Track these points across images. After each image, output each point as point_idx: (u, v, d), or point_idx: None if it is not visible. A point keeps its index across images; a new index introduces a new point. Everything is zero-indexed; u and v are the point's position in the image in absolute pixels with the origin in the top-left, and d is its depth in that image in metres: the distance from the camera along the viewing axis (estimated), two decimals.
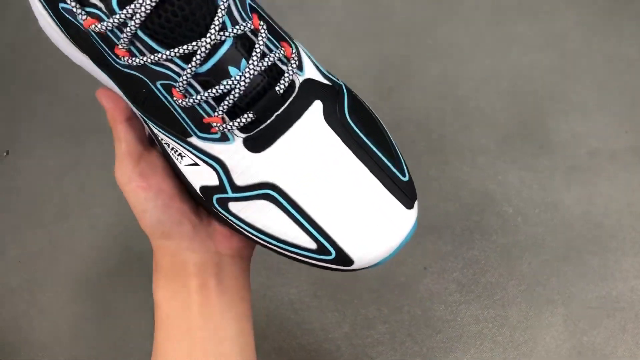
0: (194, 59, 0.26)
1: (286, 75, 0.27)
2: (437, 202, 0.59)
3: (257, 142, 0.28)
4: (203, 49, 0.25)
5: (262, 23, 0.27)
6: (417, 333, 0.53)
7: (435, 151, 0.62)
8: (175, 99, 0.27)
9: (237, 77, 0.26)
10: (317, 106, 0.28)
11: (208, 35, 0.25)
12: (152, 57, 0.26)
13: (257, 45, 0.27)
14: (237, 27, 0.26)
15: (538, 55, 0.67)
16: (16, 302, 0.58)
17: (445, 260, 0.56)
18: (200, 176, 0.30)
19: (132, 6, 0.24)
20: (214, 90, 0.26)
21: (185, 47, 0.25)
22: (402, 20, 0.73)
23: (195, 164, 0.30)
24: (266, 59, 0.27)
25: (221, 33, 0.26)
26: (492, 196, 0.59)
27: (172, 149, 0.31)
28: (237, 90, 0.26)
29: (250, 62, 0.26)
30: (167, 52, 0.26)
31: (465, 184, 0.60)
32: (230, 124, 0.27)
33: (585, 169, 0.60)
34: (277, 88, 0.27)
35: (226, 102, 0.27)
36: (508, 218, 0.57)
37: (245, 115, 0.27)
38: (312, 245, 0.28)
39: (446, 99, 0.65)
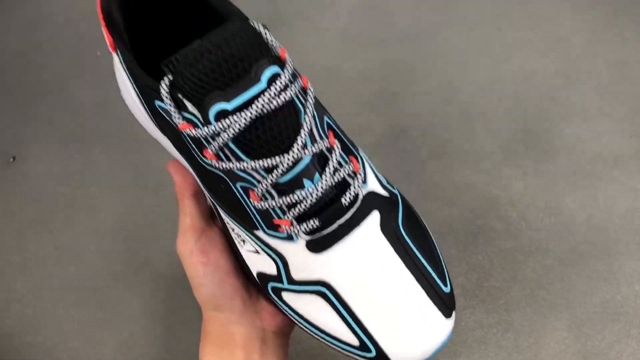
0: (276, 171, 0.28)
1: (352, 188, 0.30)
2: (441, 207, 0.59)
3: (319, 245, 0.30)
4: (285, 164, 0.28)
5: (336, 141, 0.30)
6: None
7: (439, 156, 0.62)
8: (251, 200, 0.30)
9: (310, 190, 0.29)
10: (375, 216, 0.31)
11: (291, 152, 0.28)
12: (238, 164, 0.28)
13: (330, 162, 0.29)
14: (316, 145, 0.29)
15: (541, 61, 0.68)
16: (22, 306, 0.58)
17: (449, 265, 0.56)
18: (260, 263, 0.33)
19: (228, 121, 0.27)
20: (288, 199, 0.29)
21: (270, 160, 0.28)
22: (406, 26, 0.73)
23: (257, 252, 0.33)
24: (337, 175, 0.30)
25: (302, 151, 0.28)
26: (496, 201, 0.59)
27: (237, 233, 0.34)
28: (308, 201, 0.29)
29: (324, 177, 0.29)
30: (253, 163, 0.28)
31: (469, 189, 0.60)
32: (298, 227, 0.30)
33: (589, 173, 0.60)
34: (343, 200, 0.30)
35: (297, 209, 0.29)
36: (512, 223, 0.57)
37: (312, 222, 0.29)
38: (355, 342, 0.31)
39: (450, 105, 0.65)
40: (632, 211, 0.57)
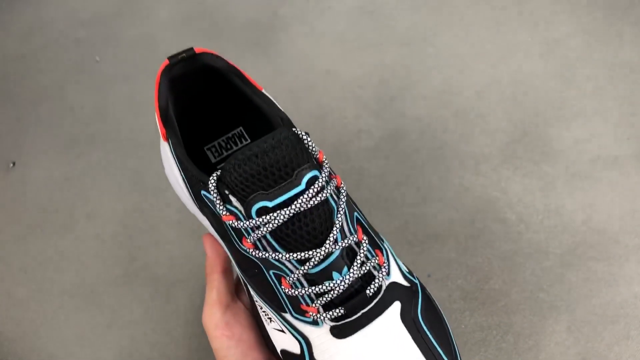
0: (308, 263, 0.31)
1: (377, 280, 0.32)
2: (440, 210, 0.59)
3: (342, 331, 0.32)
4: (317, 258, 0.31)
5: (364, 236, 0.33)
6: None
7: (438, 159, 0.62)
8: (283, 287, 0.32)
9: (338, 281, 0.31)
10: (396, 307, 0.33)
11: (323, 247, 0.31)
12: (274, 255, 0.31)
13: (358, 256, 0.32)
14: (346, 240, 0.31)
15: (539, 63, 0.68)
16: (22, 311, 0.58)
17: (449, 268, 0.56)
18: (285, 342, 0.35)
19: (268, 217, 0.30)
20: (317, 288, 0.31)
21: (303, 254, 0.31)
22: (404, 29, 0.73)
23: (282, 331, 0.35)
24: (363, 267, 0.32)
25: (333, 245, 0.31)
26: (494, 203, 0.59)
27: (264, 312, 0.36)
28: (336, 291, 0.31)
29: (351, 270, 0.31)
30: (287, 255, 0.31)
31: (468, 192, 0.60)
32: (324, 315, 0.32)
33: (587, 175, 0.60)
34: (367, 291, 0.32)
35: (324, 298, 0.31)
36: (511, 225, 0.58)
37: (337, 310, 0.31)
38: None
39: (448, 107, 0.66)
40: (631, 213, 0.57)
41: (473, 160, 0.62)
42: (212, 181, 0.31)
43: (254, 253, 0.32)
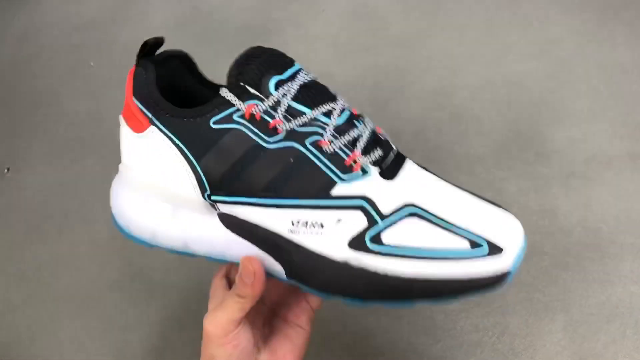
0: (333, 114, 0.35)
1: (381, 134, 0.37)
2: None
3: (387, 173, 0.35)
4: (338, 108, 0.35)
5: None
6: (417, 342, 0.53)
7: (432, 160, 0.62)
8: (324, 147, 0.34)
9: (362, 127, 0.35)
10: (409, 161, 0.37)
11: (337, 100, 0.36)
12: (303, 118, 0.34)
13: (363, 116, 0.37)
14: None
15: (532, 64, 0.68)
16: (17, 317, 0.58)
17: None
18: (347, 229, 0.34)
19: (286, 87, 0.35)
20: (349, 135, 0.35)
21: (326, 106, 0.35)
22: (397, 31, 0.74)
23: (339, 220, 0.34)
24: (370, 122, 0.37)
25: (344, 102, 0.36)
26: None
27: (312, 223, 0.35)
28: (365, 135, 0.35)
29: (366, 120, 0.36)
30: (314, 112, 0.35)
31: None
32: (367, 158, 0.34)
33: (581, 175, 0.60)
34: (381, 136, 0.37)
35: (360, 143, 0.35)
36: None
37: (376, 152, 0.35)
38: (465, 244, 0.33)
39: (442, 109, 0.66)
40: (626, 212, 0.57)
41: (467, 161, 0.62)
42: (225, 89, 0.36)
43: (286, 126, 0.34)
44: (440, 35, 0.72)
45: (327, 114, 0.35)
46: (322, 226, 0.34)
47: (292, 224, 0.35)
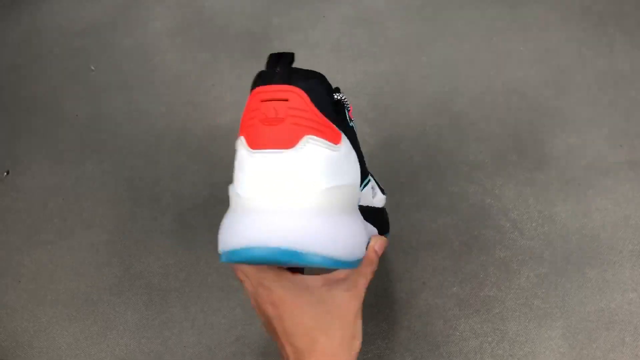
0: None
1: None
2: (435, 217, 0.59)
3: None
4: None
5: None
6: (416, 348, 0.53)
7: (432, 167, 0.62)
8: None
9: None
10: None
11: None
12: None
13: None
14: None
15: (532, 71, 0.68)
16: (16, 321, 0.58)
17: (444, 275, 0.56)
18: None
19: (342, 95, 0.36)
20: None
21: None
22: (397, 38, 0.74)
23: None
24: None
25: None
26: (489, 211, 0.59)
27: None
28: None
29: None
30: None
31: (462, 199, 0.60)
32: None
33: (580, 182, 0.60)
34: None
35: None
36: (505, 232, 0.58)
37: None
38: None
39: (442, 115, 0.66)
40: (625, 219, 0.57)
41: (467, 168, 0.62)
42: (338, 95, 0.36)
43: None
44: (440, 42, 0.73)
45: None
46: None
47: None
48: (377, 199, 0.44)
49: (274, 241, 0.31)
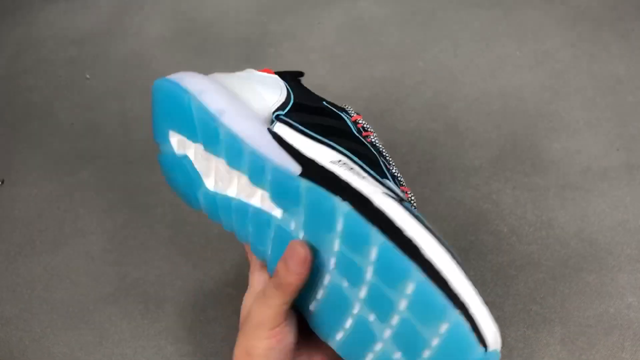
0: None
1: None
2: (432, 223, 0.59)
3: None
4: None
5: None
6: None
7: (429, 172, 0.62)
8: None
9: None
10: None
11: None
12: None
13: None
14: None
15: (528, 75, 0.68)
16: (10, 330, 0.57)
17: None
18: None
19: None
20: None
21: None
22: (393, 44, 0.74)
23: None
24: None
25: None
26: (486, 216, 0.59)
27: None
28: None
29: None
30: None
31: (459, 204, 0.60)
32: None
33: (578, 187, 0.60)
34: None
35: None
36: (503, 237, 0.57)
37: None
38: None
39: (438, 121, 0.66)
40: (622, 223, 0.57)
41: (464, 173, 0.62)
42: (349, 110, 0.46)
43: (372, 139, 0.46)
44: (435, 47, 0.73)
45: None
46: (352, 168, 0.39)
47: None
48: (361, 183, 0.37)
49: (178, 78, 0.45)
